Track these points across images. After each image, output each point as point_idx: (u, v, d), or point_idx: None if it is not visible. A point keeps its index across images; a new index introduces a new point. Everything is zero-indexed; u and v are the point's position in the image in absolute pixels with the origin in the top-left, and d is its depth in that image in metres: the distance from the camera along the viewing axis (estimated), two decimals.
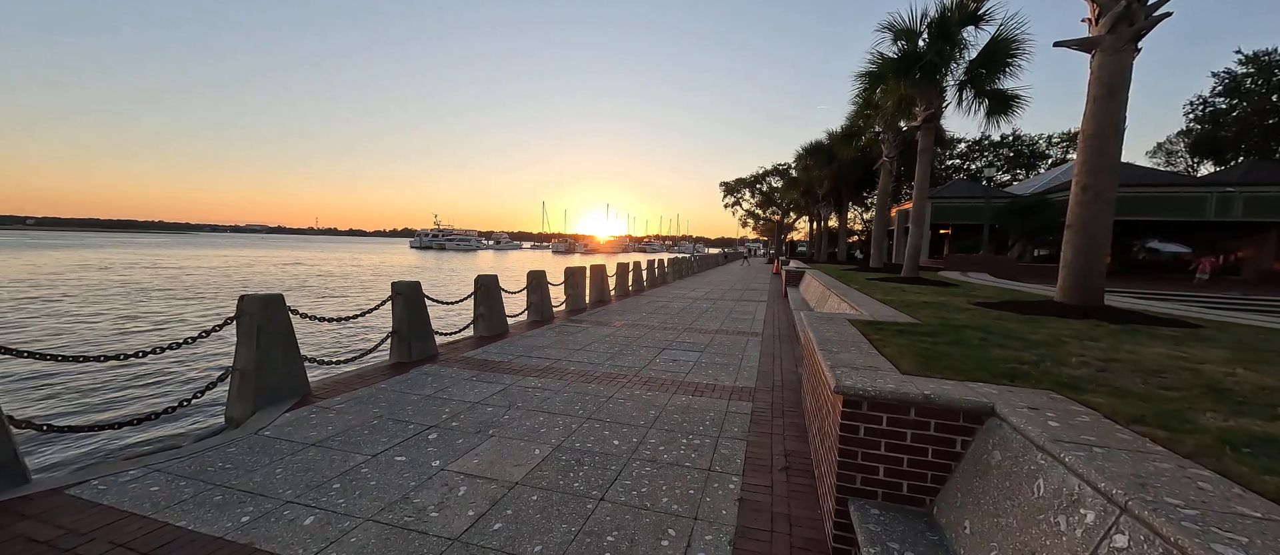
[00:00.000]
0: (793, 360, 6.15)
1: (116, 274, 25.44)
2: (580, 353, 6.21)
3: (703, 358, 6.14)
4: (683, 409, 4.20)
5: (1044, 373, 2.51)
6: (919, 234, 9.37)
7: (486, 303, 7.28)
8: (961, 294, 7.34)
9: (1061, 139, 48.31)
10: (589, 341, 6.96)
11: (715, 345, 6.97)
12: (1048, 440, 1.59)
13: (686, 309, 10.98)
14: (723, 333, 8.02)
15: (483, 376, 5.02)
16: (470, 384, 4.74)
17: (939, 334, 3.56)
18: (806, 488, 2.86)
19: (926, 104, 9.05)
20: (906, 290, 7.34)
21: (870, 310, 4.90)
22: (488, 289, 7.33)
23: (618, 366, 5.58)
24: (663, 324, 8.77)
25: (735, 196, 50.58)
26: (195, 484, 2.76)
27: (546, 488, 2.80)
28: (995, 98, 8.76)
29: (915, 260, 9.40)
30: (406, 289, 5.67)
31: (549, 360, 5.79)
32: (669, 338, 7.43)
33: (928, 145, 9.26)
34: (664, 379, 5.12)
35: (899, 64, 8.79)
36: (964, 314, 4.78)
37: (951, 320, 4.28)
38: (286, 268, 35.99)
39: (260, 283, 24.56)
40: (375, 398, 4.26)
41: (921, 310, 4.99)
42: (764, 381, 5.13)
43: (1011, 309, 5.00)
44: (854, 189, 25.57)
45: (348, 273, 33.84)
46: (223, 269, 32.21)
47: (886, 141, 13.43)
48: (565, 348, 6.48)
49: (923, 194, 9.40)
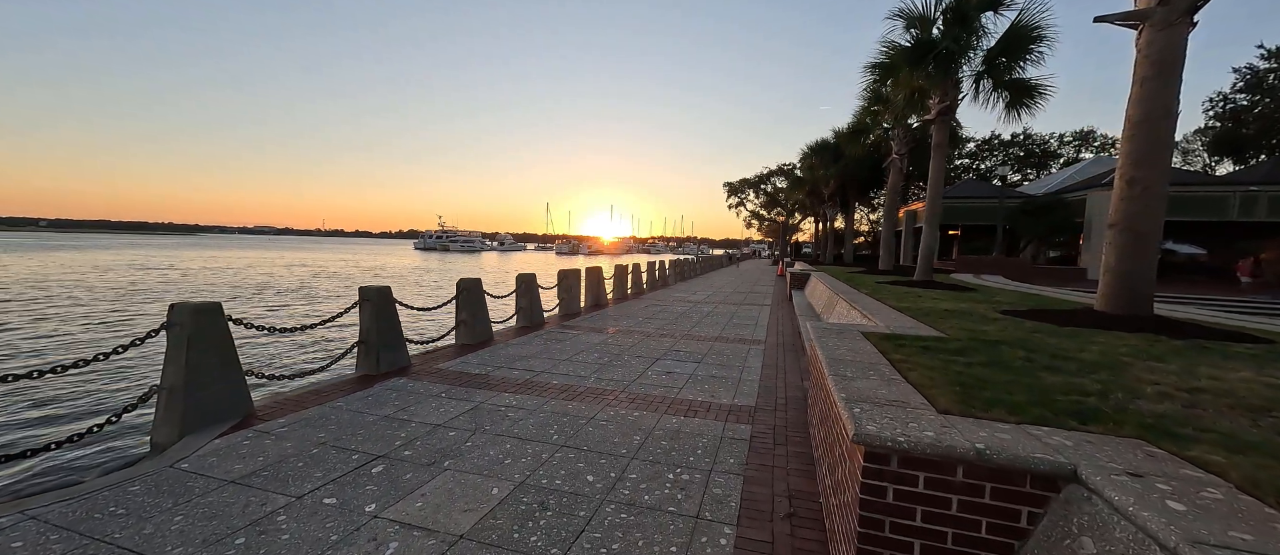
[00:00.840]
0: (798, 372, 5.62)
1: (102, 276, 25.26)
2: (566, 364, 5.71)
3: (700, 370, 5.62)
4: (672, 433, 3.68)
5: (1119, 409, 1.97)
6: (933, 234, 8.80)
7: (469, 308, 6.79)
8: (983, 300, 6.77)
9: (1073, 139, 47.32)
10: (578, 350, 6.46)
11: (714, 355, 6.44)
12: (1181, 540, 1.07)
13: (686, 313, 10.46)
14: (723, 340, 7.49)
15: (454, 392, 4.52)
16: (437, 402, 4.25)
17: (971, 351, 3.02)
18: (815, 545, 2.34)
19: (941, 96, 8.48)
20: (922, 295, 6.78)
21: (886, 320, 4.37)
22: (470, 293, 6.84)
23: (605, 380, 5.07)
24: (660, 330, 8.25)
25: (739, 197, 49.95)
26: (69, 538, 2.27)
27: (496, 544, 2.29)
28: (1016, 88, 8.16)
29: (929, 262, 8.82)
30: (375, 295, 5.19)
31: (531, 372, 5.29)
32: (665, 346, 6.91)
33: (942, 140, 8.68)
34: (655, 396, 4.60)
35: (912, 53, 8.21)
36: (993, 325, 4.23)
37: (981, 333, 3.74)
38: (292, 268, 35.77)
39: (249, 283, 24.26)
40: (325, 419, 3.78)
41: (944, 320, 4.44)
42: (766, 398, 4.61)
43: (1046, 318, 4.44)
44: (861, 189, 24.92)
45: (346, 274, 33.57)
46: (218, 269, 32.03)
47: (896, 138, 12.83)
48: (551, 358, 5.98)
49: (937, 192, 8.82)
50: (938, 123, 8.66)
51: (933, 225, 8.78)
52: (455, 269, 43.95)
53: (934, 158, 8.83)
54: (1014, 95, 8.23)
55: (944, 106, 8.44)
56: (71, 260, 34.92)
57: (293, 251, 71.43)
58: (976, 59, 8.38)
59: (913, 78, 8.34)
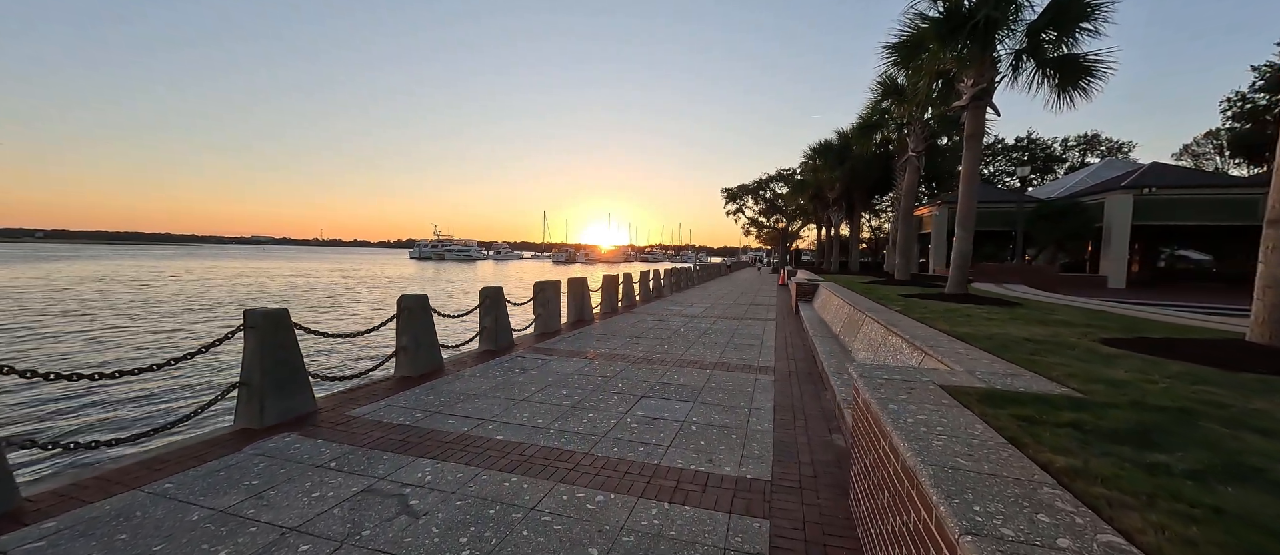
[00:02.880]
0: (821, 416, 4.33)
1: (75, 288, 23.97)
2: (524, 407, 4.42)
3: (694, 413, 4.33)
4: (651, 538, 2.40)
5: None
6: (967, 239, 7.54)
7: (411, 332, 5.50)
8: (1054, 320, 5.51)
9: (1078, 142, 46.37)
10: (545, 383, 5.17)
11: (712, 390, 5.16)
12: None
13: (681, 330, 9.18)
14: (723, 368, 6.21)
15: (350, 460, 3.24)
16: (317, 478, 2.97)
17: (1158, 432, 1.76)
18: None
19: (975, 77, 7.27)
20: (971, 315, 5.52)
21: (956, 357, 3.10)
22: (413, 314, 5.56)
23: (568, 434, 3.78)
24: (648, 353, 6.97)
25: (738, 203, 48.84)
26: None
27: None
28: (1066, 67, 6.95)
29: (964, 272, 7.55)
30: (262, 321, 3.90)
31: (473, 421, 4.01)
32: (653, 377, 5.63)
33: (976, 129, 7.45)
34: (631, 462, 3.32)
35: (945, 24, 7.00)
36: (1118, 365, 2.97)
37: (1133, 389, 2.47)
38: (279, 279, 34.49)
39: (228, 298, 22.97)
40: (125, 516, 2.49)
41: (1039, 358, 3.18)
42: (784, 464, 3.33)
43: (1187, 355, 3.17)
44: (867, 192, 23.71)
45: (332, 285, 32.29)
46: (206, 280, 30.75)
47: (912, 133, 11.63)
48: (506, 397, 4.69)
49: (970, 190, 7.57)
50: (971, 109, 7.44)
51: (967, 228, 7.52)
52: (450, 278, 42.71)
53: (967, 150, 7.60)
54: (1064, 76, 7.00)
55: (980, 89, 7.21)
56: (54, 271, 33.63)
57: (287, 262, 70.20)
58: (1018, 34, 7.17)
59: (942, 55, 7.14)
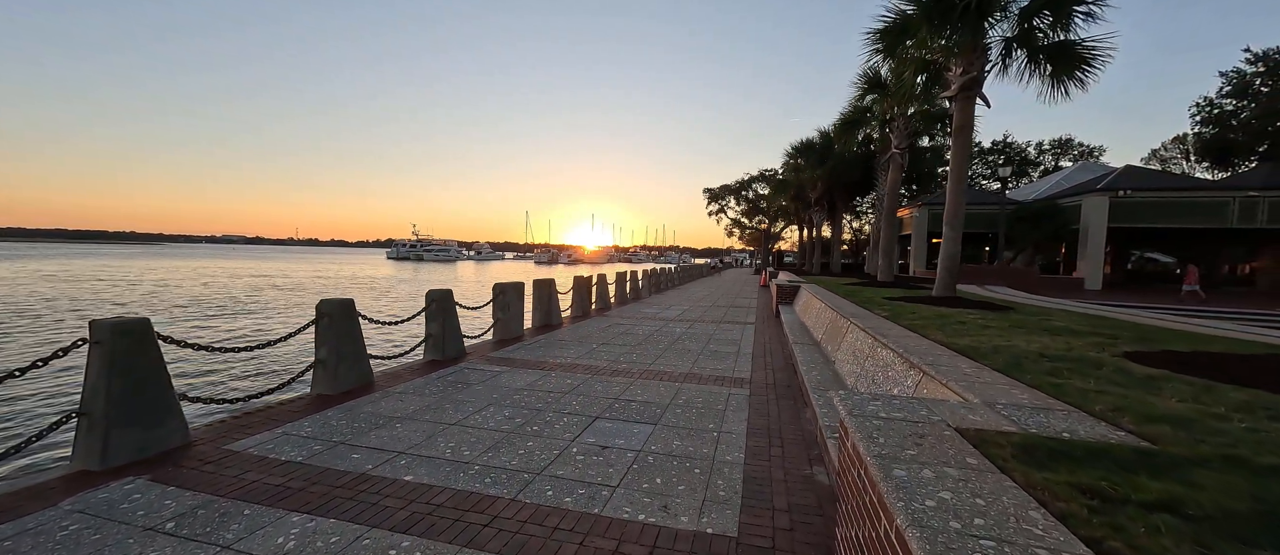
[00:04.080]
0: (800, 444, 3.73)
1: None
2: (450, 434, 3.71)
3: (654, 441, 3.68)
4: None
5: None
6: (955, 240, 7.06)
7: (333, 340, 4.73)
8: (1056, 328, 5.01)
9: (1052, 146, 47.35)
10: (484, 404, 4.47)
11: (679, 407, 4.52)
12: None
13: (653, 335, 8.54)
14: (694, 379, 5.58)
15: (200, 516, 2.51)
16: (140, 550, 2.23)
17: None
18: None
19: (965, 65, 6.80)
20: (965, 322, 5.00)
21: (962, 380, 2.52)
22: (335, 322, 4.78)
23: (492, 473, 3.10)
24: (613, 363, 6.31)
25: (720, 203, 48.52)
26: None
27: None
28: (1060, 55, 6.52)
29: (953, 274, 7.07)
30: (109, 334, 3.11)
31: (381, 456, 3.30)
32: (613, 392, 4.97)
33: (966, 121, 6.98)
34: (561, 512, 2.65)
35: (934, 6, 6.51)
36: (1165, 391, 2.42)
37: (1191, 424, 1.91)
38: (236, 279, 32.79)
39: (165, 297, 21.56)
40: None
41: (1065, 380, 2.61)
42: (755, 511, 2.70)
43: (1240, 377, 2.64)
44: (848, 192, 23.45)
45: (301, 286, 30.82)
46: (137, 282, 29.01)
47: (896, 129, 11.21)
48: (433, 422, 3.98)
49: (960, 186, 7.09)
50: (960, 100, 6.97)
51: (955, 228, 7.04)
52: (423, 279, 41.36)
53: (955, 144, 7.13)
54: (1058, 65, 6.57)
55: (970, 78, 6.74)
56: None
57: (255, 262, 67.55)
58: (1011, 19, 6.72)
59: (930, 42, 6.66)
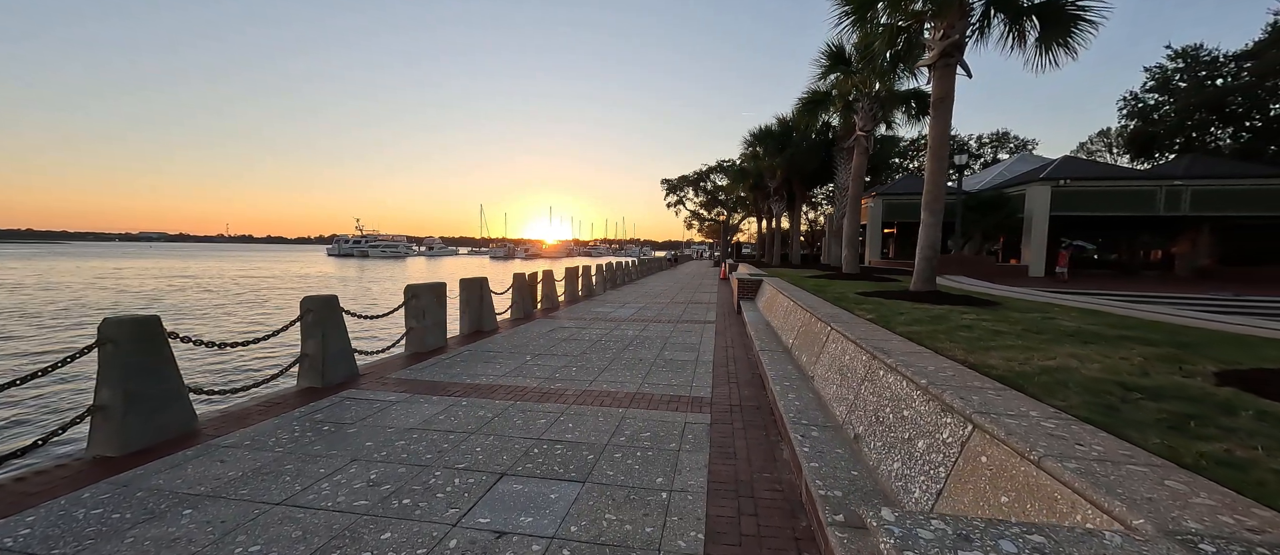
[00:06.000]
0: (778, 509, 2.67)
1: None
2: (271, 518, 2.41)
3: (575, 516, 2.51)
4: None
5: None
6: (936, 228, 6.27)
7: (114, 377, 3.26)
8: (1071, 333, 4.21)
9: (991, 139, 49.65)
10: (346, 461, 3.16)
11: (618, 451, 3.37)
12: None
13: (601, 341, 7.38)
14: (643, 403, 4.46)
15: None
16: None
17: None
18: None
19: (945, 29, 6.01)
20: (972, 326, 4.12)
21: (1061, 453, 1.50)
22: (122, 348, 3.31)
23: None
24: (546, 382, 5.09)
25: (678, 195, 47.80)
26: None
27: None
28: (1050, 15, 5.82)
29: (933, 266, 6.32)
30: None
31: None
32: (536, 429, 3.77)
33: (946, 91, 6.21)
34: None
35: None
36: None
37: None
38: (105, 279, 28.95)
39: None
40: None
41: (1236, 450, 1.65)
42: None
43: None
44: (807, 181, 23.06)
45: (181, 289, 27.54)
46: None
47: (861, 109, 10.52)
48: (249, 500, 2.65)
49: (941, 166, 6.32)
50: (940, 69, 6.18)
51: (935, 213, 6.26)
52: (369, 278, 38.28)
53: (934, 118, 6.35)
54: (1048, 25, 5.89)
55: (950, 42, 5.95)
56: None
57: (159, 260, 61.07)
58: None
59: (904, 4, 5.80)
